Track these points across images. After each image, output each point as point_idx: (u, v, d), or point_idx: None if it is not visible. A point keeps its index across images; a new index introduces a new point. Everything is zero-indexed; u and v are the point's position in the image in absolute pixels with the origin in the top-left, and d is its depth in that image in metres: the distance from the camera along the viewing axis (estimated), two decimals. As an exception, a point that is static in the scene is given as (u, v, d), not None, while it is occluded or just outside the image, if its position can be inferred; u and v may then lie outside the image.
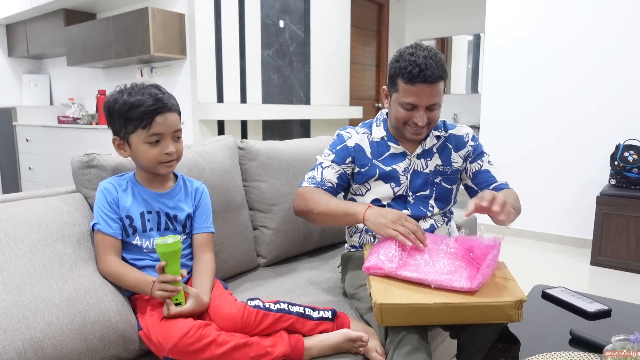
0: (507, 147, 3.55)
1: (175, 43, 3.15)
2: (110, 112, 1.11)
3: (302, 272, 1.60)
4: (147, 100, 1.08)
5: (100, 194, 1.12)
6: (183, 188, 1.23)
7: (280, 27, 3.75)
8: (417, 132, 1.32)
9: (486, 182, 1.40)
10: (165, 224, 1.17)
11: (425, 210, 1.39)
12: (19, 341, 0.88)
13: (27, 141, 4.18)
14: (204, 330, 0.98)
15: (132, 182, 1.17)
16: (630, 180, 2.89)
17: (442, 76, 1.24)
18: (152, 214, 1.15)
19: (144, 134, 1.09)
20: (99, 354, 0.98)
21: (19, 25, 4.33)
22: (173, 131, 1.12)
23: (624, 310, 1.24)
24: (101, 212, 1.11)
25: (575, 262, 3.02)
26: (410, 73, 1.22)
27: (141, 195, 1.15)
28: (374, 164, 1.39)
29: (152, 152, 1.10)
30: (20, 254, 0.98)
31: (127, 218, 1.13)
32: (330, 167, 1.40)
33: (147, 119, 1.08)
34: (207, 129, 3.34)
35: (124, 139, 1.12)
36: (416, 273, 1.07)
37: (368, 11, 5.14)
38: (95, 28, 3.41)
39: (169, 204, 1.18)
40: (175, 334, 0.96)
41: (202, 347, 0.96)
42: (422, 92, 1.24)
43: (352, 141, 1.42)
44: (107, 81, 3.94)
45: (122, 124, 1.10)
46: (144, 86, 1.12)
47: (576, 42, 3.18)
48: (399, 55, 1.27)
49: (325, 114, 4.18)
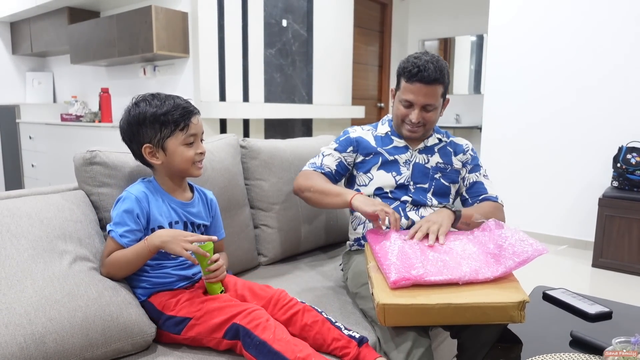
0: (510, 148, 3.54)
1: (178, 41, 3.16)
2: (141, 122, 1.12)
3: (303, 271, 1.61)
4: (180, 104, 1.13)
5: (129, 202, 1.10)
6: (201, 198, 1.27)
7: (283, 26, 3.75)
8: (412, 130, 1.42)
9: (477, 193, 1.49)
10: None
11: (425, 200, 1.44)
12: (20, 336, 0.88)
13: (30, 138, 4.20)
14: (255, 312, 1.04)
15: (159, 191, 1.17)
16: (632, 182, 2.89)
17: (438, 79, 1.33)
18: (179, 224, 1.18)
19: (182, 136, 1.13)
20: (100, 348, 0.99)
21: (23, 23, 4.34)
22: (201, 132, 1.19)
23: (625, 312, 1.24)
24: (122, 221, 1.09)
25: (577, 263, 3.01)
26: (410, 72, 1.34)
27: (170, 205, 1.17)
28: (378, 152, 1.48)
29: (189, 153, 1.14)
30: (22, 250, 0.99)
31: (159, 228, 1.13)
32: (331, 155, 1.51)
33: (185, 121, 1.13)
34: (210, 127, 3.34)
35: (158, 146, 1.13)
36: (441, 275, 1.06)
37: (371, 11, 5.14)
38: (98, 26, 3.42)
39: (194, 213, 1.22)
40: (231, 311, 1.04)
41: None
42: (419, 91, 1.35)
43: (355, 134, 1.53)
44: (110, 79, 3.95)
45: (156, 130, 1.11)
46: (165, 96, 1.15)
47: (579, 43, 3.18)
48: (406, 58, 1.39)
49: (327, 113, 4.18)
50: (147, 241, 1.07)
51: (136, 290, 1.13)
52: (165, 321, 1.09)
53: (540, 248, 1.08)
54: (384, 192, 1.44)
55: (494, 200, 1.47)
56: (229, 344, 1.04)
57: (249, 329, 1.00)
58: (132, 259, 1.07)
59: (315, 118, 4.19)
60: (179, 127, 1.12)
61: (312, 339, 1.07)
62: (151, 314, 1.11)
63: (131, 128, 1.13)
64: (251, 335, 1.00)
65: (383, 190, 1.44)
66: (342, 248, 1.85)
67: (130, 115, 1.13)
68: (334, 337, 1.07)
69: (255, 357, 0.99)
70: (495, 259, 1.11)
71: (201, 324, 1.05)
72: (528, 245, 1.10)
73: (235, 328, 1.02)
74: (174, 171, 1.17)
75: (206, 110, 3.22)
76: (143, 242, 1.07)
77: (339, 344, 1.06)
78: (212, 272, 1.11)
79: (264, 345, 0.98)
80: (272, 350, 0.97)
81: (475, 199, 1.48)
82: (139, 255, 1.07)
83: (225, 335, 1.03)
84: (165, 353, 1.06)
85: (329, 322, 1.10)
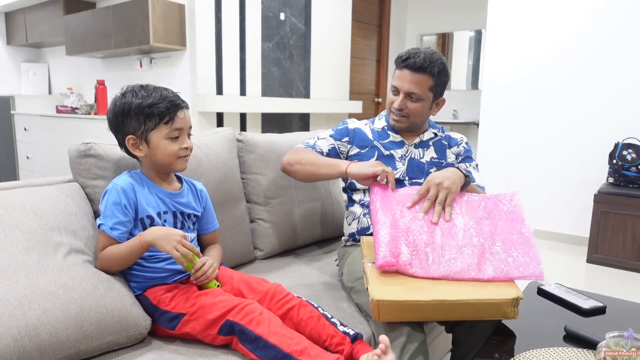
0: (506, 144, 3.54)
1: (175, 34, 3.13)
2: (125, 112, 1.11)
3: (299, 265, 1.61)
4: (167, 96, 1.12)
5: (116, 193, 1.10)
6: (190, 189, 1.26)
7: (281, 19, 3.73)
8: (396, 118, 1.43)
9: None
10: (182, 223, 1.20)
11: None
12: (14, 328, 0.88)
13: (25, 130, 4.17)
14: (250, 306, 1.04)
15: (146, 182, 1.17)
16: (628, 178, 2.90)
17: (425, 68, 1.34)
18: (168, 214, 1.18)
19: (166, 129, 1.12)
20: (95, 340, 0.98)
21: (18, 13, 4.29)
22: (188, 127, 1.17)
23: (619, 307, 1.25)
24: (111, 213, 1.09)
25: (572, 259, 3.03)
26: (400, 58, 1.38)
27: (158, 195, 1.17)
28: (374, 145, 1.48)
29: (173, 147, 1.13)
30: (16, 242, 0.98)
31: (147, 218, 1.13)
32: (325, 140, 1.52)
33: (170, 114, 1.11)
34: (206, 121, 3.33)
35: (141, 138, 1.12)
36: (425, 273, 1.07)
37: (369, 5, 5.11)
38: (94, 17, 3.39)
39: (183, 203, 1.21)
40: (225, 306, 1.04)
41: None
42: (405, 77, 1.37)
43: (353, 125, 1.54)
44: (106, 71, 3.92)
45: (140, 122, 1.10)
46: (153, 87, 1.14)
47: (577, 39, 3.17)
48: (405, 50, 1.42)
49: (324, 108, 4.17)
50: (140, 237, 1.06)
51: (131, 284, 1.13)
52: (160, 316, 1.09)
53: (538, 272, 1.06)
54: None
55: (481, 189, 1.46)
56: (225, 340, 1.04)
57: (243, 324, 1.00)
58: (126, 254, 1.07)
59: (312, 112, 4.18)
60: (164, 120, 1.11)
61: (308, 335, 1.07)
62: (147, 308, 1.10)
63: (116, 118, 1.13)
64: (246, 331, 1.00)
65: None
66: (338, 243, 1.85)
67: (116, 106, 1.13)
68: (329, 334, 1.07)
69: (252, 352, 0.99)
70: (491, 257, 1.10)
71: (195, 319, 1.05)
72: (529, 263, 1.07)
73: (230, 324, 1.02)
74: (157, 164, 1.16)
75: (203, 103, 3.20)
76: (137, 237, 1.07)
77: (333, 341, 1.06)
78: (198, 278, 1.11)
79: (260, 339, 0.98)
80: (268, 344, 0.97)
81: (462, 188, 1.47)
82: (132, 251, 1.07)
83: (220, 332, 1.03)
84: (160, 346, 1.06)
85: (324, 318, 1.10)
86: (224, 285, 1.18)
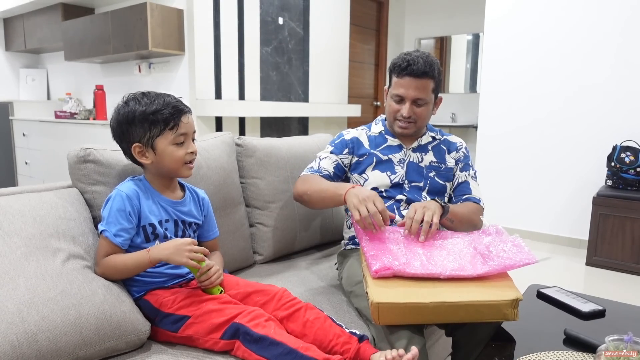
0: (505, 147, 3.55)
1: (173, 39, 3.14)
2: (130, 121, 1.11)
3: (298, 269, 1.60)
4: (171, 102, 1.12)
5: (120, 200, 1.09)
6: (192, 197, 1.26)
7: (280, 24, 3.74)
8: (403, 126, 1.42)
9: (462, 192, 1.50)
10: (182, 231, 1.20)
11: (420, 198, 1.44)
12: (13, 334, 0.87)
13: (23, 136, 4.16)
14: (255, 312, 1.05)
15: (149, 189, 1.17)
16: (626, 181, 2.90)
17: (428, 73, 1.34)
18: (169, 222, 1.18)
19: (171, 135, 1.12)
20: (94, 346, 0.98)
21: (16, 19, 4.30)
22: (193, 132, 1.17)
23: (618, 310, 1.25)
24: (115, 219, 1.08)
25: (571, 262, 3.03)
26: (400, 67, 1.37)
27: (160, 203, 1.17)
28: (371, 153, 1.48)
29: (179, 153, 1.13)
30: (14, 248, 0.98)
31: (149, 226, 1.13)
32: (328, 158, 1.50)
33: (174, 120, 1.11)
34: (205, 125, 3.33)
35: (147, 145, 1.12)
36: (423, 270, 1.08)
37: (367, 9, 5.13)
38: (93, 23, 3.39)
39: (185, 211, 1.21)
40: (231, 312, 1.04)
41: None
42: (409, 85, 1.36)
43: (349, 135, 1.53)
44: (104, 77, 3.93)
45: (145, 129, 1.11)
46: (155, 94, 1.14)
47: (574, 42, 3.19)
48: (397, 55, 1.41)
49: (323, 111, 4.17)
50: (149, 253, 1.06)
51: (130, 288, 1.13)
52: (162, 319, 1.09)
53: (530, 257, 1.08)
54: (379, 192, 1.44)
55: (476, 202, 1.47)
56: (226, 345, 1.04)
57: (249, 327, 1.00)
58: (132, 267, 1.08)
59: (311, 116, 4.19)
60: (169, 126, 1.11)
61: (314, 334, 1.07)
62: (147, 312, 1.10)
63: (121, 127, 1.13)
64: (250, 332, 0.99)
65: (378, 190, 1.44)
66: (338, 247, 1.85)
67: (120, 114, 1.13)
68: (336, 333, 1.07)
69: (256, 352, 0.98)
70: (484, 258, 1.12)
71: (199, 323, 1.05)
72: (520, 252, 1.11)
73: (235, 327, 1.02)
74: (164, 171, 1.16)
75: (201, 108, 3.21)
76: (145, 253, 1.07)
77: (340, 340, 1.06)
78: (202, 282, 1.11)
79: (265, 338, 0.98)
80: (274, 342, 0.97)
81: (458, 198, 1.49)
82: (139, 265, 1.07)
83: (224, 336, 1.03)
84: (159, 351, 1.06)
85: (330, 320, 1.10)
86: (229, 291, 1.17)
